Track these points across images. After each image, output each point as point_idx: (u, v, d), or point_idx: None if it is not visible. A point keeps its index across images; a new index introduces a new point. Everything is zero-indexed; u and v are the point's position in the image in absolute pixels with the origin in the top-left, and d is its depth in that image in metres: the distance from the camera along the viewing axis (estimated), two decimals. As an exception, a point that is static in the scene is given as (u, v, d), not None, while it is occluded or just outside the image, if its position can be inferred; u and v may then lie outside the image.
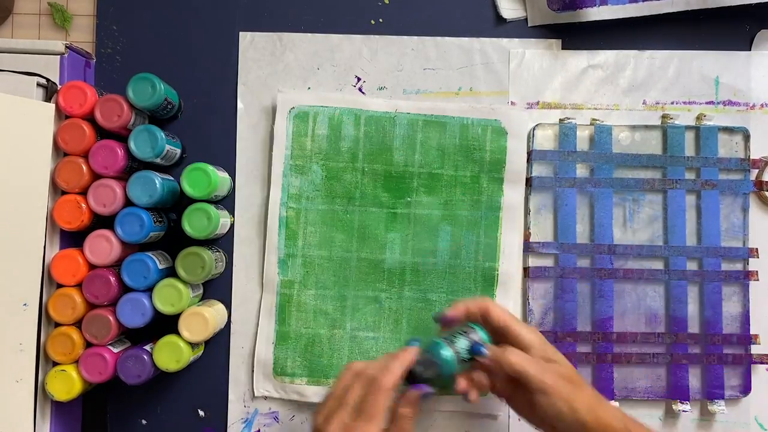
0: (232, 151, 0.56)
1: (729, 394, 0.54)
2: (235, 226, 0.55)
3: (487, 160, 0.54)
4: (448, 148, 0.54)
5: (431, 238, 0.54)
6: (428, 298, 0.54)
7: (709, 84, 0.56)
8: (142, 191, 0.48)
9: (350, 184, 0.54)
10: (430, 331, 0.54)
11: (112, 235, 0.48)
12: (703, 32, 0.56)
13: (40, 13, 0.57)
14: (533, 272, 0.54)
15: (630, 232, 0.55)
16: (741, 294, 0.55)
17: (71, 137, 0.48)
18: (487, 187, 0.54)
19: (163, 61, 0.56)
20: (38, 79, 0.49)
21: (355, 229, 0.54)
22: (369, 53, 0.56)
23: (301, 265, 0.54)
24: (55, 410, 0.50)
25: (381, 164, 0.54)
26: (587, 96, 0.56)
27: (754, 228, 0.55)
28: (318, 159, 0.54)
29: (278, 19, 0.56)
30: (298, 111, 0.54)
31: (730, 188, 0.55)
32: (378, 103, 0.55)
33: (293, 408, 0.55)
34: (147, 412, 0.55)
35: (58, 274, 0.48)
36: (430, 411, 0.54)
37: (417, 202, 0.54)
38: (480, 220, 0.54)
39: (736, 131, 0.55)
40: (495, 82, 0.56)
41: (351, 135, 0.54)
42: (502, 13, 0.56)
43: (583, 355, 0.54)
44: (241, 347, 0.55)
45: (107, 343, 0.49)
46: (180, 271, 0.49)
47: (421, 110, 0.54)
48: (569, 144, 0.55)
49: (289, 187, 0.54)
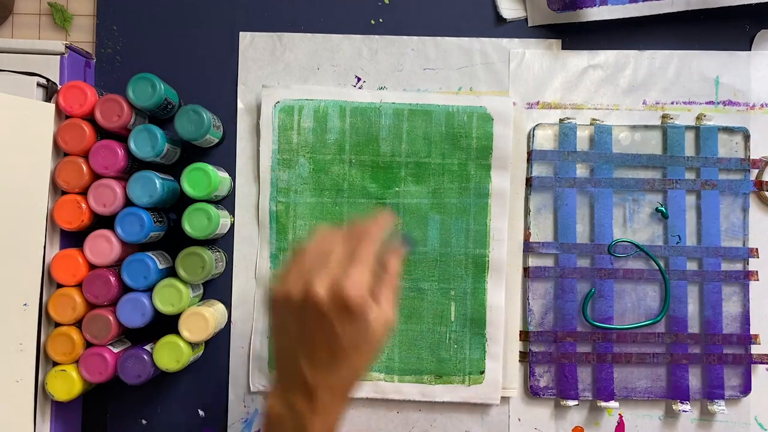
0: (232, 151, 0.56)
1: (729, 394, 0.54)
2: (235, 226, 0.55)
3: (473, 147, 0.54)
4: (435, 136, 0.54)
5: (421, 227, 0.54)
6: (420, 287, 0.54)
7: (709, 84, 0.56)
8: (142, 191, 0.48)
9: (338, 176, 0.54)
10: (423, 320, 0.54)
11: (112, 235, 0.48)
12: (703, 32, 0.56)
13: (40, 13, 0.57)
14: (533, 272, 0.54)
15: (630, 232, 0.55)
16: (741, 294, 0.55)
17: (71, 137, 0.48)
18: (474, 174, 0.54)
19: (163, 61, 0.56)
20: (38, 79, 0.49)
21: (345, 220, 0.54)
22: (369, 53, 0.56)
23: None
24: (55, 410, 0.50)
25: (368, 155, 0.54)
26: (587, 96, 0.56)
27: (754, 228, 0.55)
28: (305, 152, 0.54)
29: (278, 19, 0.56)
30: (284, 105, 0.54)
31: (730, 188, 0.55)
32: (363, 94, 0.55)
33: (293, 408, 0.55)
34: (147, 412, 0.55)
35: (58, 274, 0.48)
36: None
37: (405, 192, 0.54)
38: (469, 207, 0.54)
39: (736, 131, 0.55)
40: (495, 82, 0.56)
41: (337, 127, 0.54)
42: (502, 13, 0.56)
43: (583, 355, 0.54)
44: (241, 347, 0.55)
45: (107, 343, 0.49)
46: (180, 271, 0.49)
47: (406, 100, 0.54)
48: (569, 144, 0.55)
49: (277, 182, 0.54)
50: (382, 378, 0.54)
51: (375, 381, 0.54)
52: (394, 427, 0.55)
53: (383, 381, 0.54)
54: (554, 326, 0.54)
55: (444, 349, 0.54)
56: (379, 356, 0.54)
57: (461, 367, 0.54)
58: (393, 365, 0.54)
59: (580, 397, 0.54)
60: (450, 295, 0.54)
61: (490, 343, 0.54)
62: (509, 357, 0.54)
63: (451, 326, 0.54)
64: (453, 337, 0.54)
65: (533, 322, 0.54)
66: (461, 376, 0.54)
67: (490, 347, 0.54)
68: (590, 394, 0.54)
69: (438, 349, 0.54)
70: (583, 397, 0.54)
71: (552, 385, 0.54)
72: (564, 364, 0.54)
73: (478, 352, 0.54)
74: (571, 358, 0.54)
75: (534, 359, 0.54)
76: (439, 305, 0.54)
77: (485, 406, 0.55)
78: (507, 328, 0.54)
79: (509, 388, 0.54)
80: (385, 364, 0.54)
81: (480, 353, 0.54)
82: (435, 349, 0.54)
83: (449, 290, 0.54)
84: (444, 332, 0.54)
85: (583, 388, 0.54)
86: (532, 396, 0.54)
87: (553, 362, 0.54)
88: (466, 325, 0.54)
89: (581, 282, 0.54)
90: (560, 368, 0.54)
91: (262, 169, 0.55)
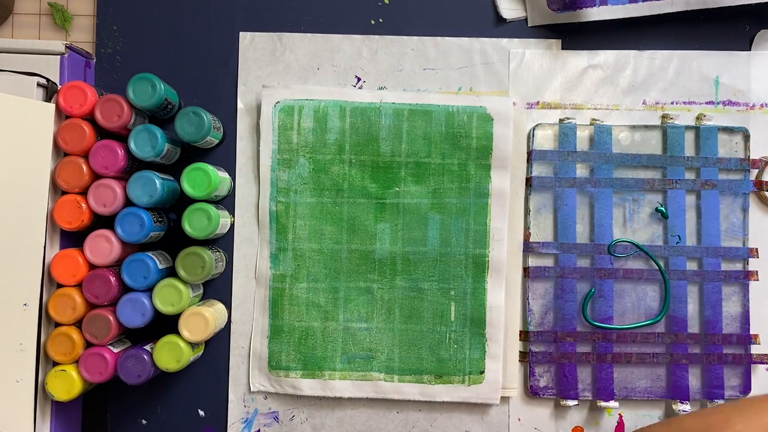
0: (232, 151, 0.56)
1: (729, 394, 0.54)
2: (235, 226, 0.55)
3: (473, 147, 0.54)
4: (435, 136, 0.54)
5: (421, 227, 0.54)
6: (420, 287, 0.54)
7: (709, 84, 0.56)
8: (142, 191, 0.48)
9: (338, 176, 0.54)
10: (423, 320, 0.54)
11: (112, 235, 0.48)
12: (703, 32, 0.56)
13: (40, 13, 0.57)
14: (533, 272, 0.54)
15: (630, 232, 0.55)
16: (741, 294, 0.55)
17: (71, 137, 0.48)
18: (474, 174, 0.54)
19: (163, 61, 0.56)
20: (38, 79, 0.49)
21: (345, 220, 0.54)
22: (369, 53, 0.56)
23: (292, 258, 0.54)
24: (55, 410, 0.50)
25: (368, 155, 0.54)
26: (587, 96, 0.56)
27: (754, 228, 0.55)
28: (305, 152, 0.54)
29: (278, 19, 0.56)
30: (284, 105, 0.54)
31: (730, 188, 0.55)
32: (363, 94, 0.55)
33: (293, 408, 0.55)
34: (147, 412, 0.55)
35: (58, 274, 0.48)
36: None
37: (405, 192, 0.54)
38: (469, 207, 0.54)
39: (735, 131, 0.55)
40: (495, 82, 0.56)
41: (337, 127, 0.54)
42: (502, 13, 0.56)
43: (583, 355, 0.54)
44: (241, 347, 0.55)
45: (107, 343, 0.49)
46: (180, 271, 0.49)
47: (406, 100, 0.54)
48: (569, 144, 0.55)
49: (277, 182, 0.54)
50: (382, 378, 0.54)
51: (375, 381, 0.54)
52: (394, 427, 0.55)
53: (383, 381, 0.54)
54: (554, 326, 0.54)
55: (444, 349, 0.54)
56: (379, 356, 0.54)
57: (461, 367, 0.54)
58: (393, 365, 0.54)
59: (580, 397, 0.54)
60: (450, 295, 0.54)
61: (490, 343, 0.54)
62: (509, 357, 0.54)
63: (451, 326, 0.54)
64: (453, 337, 0.54)
65: (533, 322, 0.54)
66: (461, 376, 0.54)
67: (490, 347, 0.54)
68: (590, 394, 0.54)
69: (438, 349, 0.54)
70: (583, 397, 0.54)
71: (552, 385, 0.54)
72: (564, 364, 0.54)
73: (478, 352, 0.54)
74: (571, 358, 0.54)
75: (534, 359, 0.54)
76: (439, 305, 0.54)
77: (485, 406, 0.55)
78: (507, 328, 0.54)
79: (509, 388, 0.54)
80: (385, 364, 0.54)
81: (480, 353, 0.54)
82: (435, 349, 0.54)
83: (449, 290, 0.54)
84: (444, 332, 0.54)
85: (583, 388, 0.54)
86: (532, 396, 0.54)
87: (553, 362, 0.54)
88: (466, 325, 0.54)
89: (581, 282, 0.54)
90: (560, 368, 0.54)
91: (262, 169, 0.55)
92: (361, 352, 0.54)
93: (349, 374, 0.54)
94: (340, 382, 0.54)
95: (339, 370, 0.54)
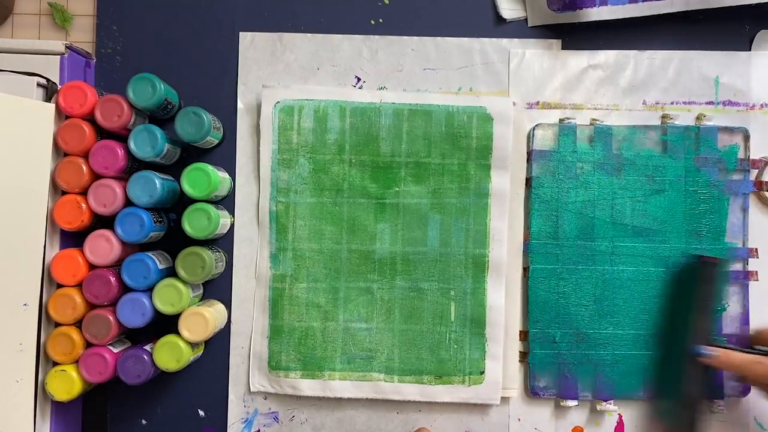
0: (232, 151, 0.56)
1: (729, 395, 0.54)
2: (235, 226, 0.55)
3: (473, 147, 0.54)
4: (435, 136, 0.54)
5: (421, 227, 0.54)
6: (420, 287, 0.54)
7: (709, 84, 0.56)
8: (142, 191, 0.48)
9: (338, 176, 0.54)
10: (423, 320, 0.54)
11: (112, 235, 0.48)
12: (703, 32, 0.56)
13: (40, 13, 0.57)
14: (533, 272, 0.54)
15: (630, 232, 0.55)
16: (741, 294, 0.55)
17: (71, 137, 0.48)
18: (474, 174, 0.54)
19: (163, 61, 0.56)
20: (38, 79, 0.49)
21: (345, 220, 0.54)
22: (369, 53, 0.56)
23: (292, 258, 0.54)
24: (55, 410, 0.50)
25: (368, 155, 0.54)
26: (587, 96, 0.56)
27: (753, 228, 0.55)
28: (305, 152, 0.54)
29: (278, 19, 0.56)
30: (284, 105, 0.54)
31: (730, 188, 0.55)
32: (363, 94, 0.55)
33: (293, 408, 0.55)
34: (147, 412, 0.55)
35: (58, 274, 0.48)
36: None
37: (405, 192, 0.54)
38: (469, 208, 0.54)
39: (735, 131, 0.55)
40: (495, 82, 0.56)
41: (336, 127, 0.54)
42: (502, 13, 0.56)
43: (583, 355, 0.54)
44: (241, 347, 0.55)
45: (107, 343, 0.49)
46: (180, 271, 0.49)
47: (406, 100, 0.54)
48: (569, 144, 0.55)
49: (277, 182, 0.54)
50: (382, 378, 0.54)
51: (375, 381, 0.54)
52: (394, 427, 0.55)
53: (383, 381, 0.54)
54: (554, 326, 0.54)
55: (444, 349, 0.54)
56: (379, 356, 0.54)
57: (461, 367, 0.54)
58: (393, 365, 0.54)
59: (580, 398, 0.54)
60: (450, 295, 0.54)
61: (490, 343, 0.54)
62: (509, 357, 0.54)
63: (451, 326, 0.54)
64: (453, 337, 0.54)
65: (533, 323, 0.54)
66: (461, 377, 0.54)
67: (490, 347, 0.54)
68: (590, 394, 0.54)
69: (438, 349, 0.54)
70: (583, 398, 0.54)
71: (552, 386, 0.54)
72: (564, 364, 0.54)
73: (478, 352, 0.54)
74: (571, 358, 0.54)
75: (534, 359, 0.54)
76: (439, 305, 0.54)
77: (485, 407, 0.55)
78: (507, 328, 0.54)
79: (509, 388, 0.54)
80: (385, 364, 0.54)
81: (480, 353, 0.54)
82: (435, 350, 0.54)
83: (449, 290, 0.54)
84: (444, 332, 0.54)
85: (583, 388, 0.54)
86: (532, 396, 0.54)
87: (553, 362, 0.54)
88: (466, 325, 0.54)
89: (581, 282, 0.54)
90: (560, 368, 0.54)
91: (262, 169, 0.55)
92: (361, 353, 0.54)
93: (349, 374, 0.54)
94: (340, 382, 0.54)
95: (339, 371, 0.54)
